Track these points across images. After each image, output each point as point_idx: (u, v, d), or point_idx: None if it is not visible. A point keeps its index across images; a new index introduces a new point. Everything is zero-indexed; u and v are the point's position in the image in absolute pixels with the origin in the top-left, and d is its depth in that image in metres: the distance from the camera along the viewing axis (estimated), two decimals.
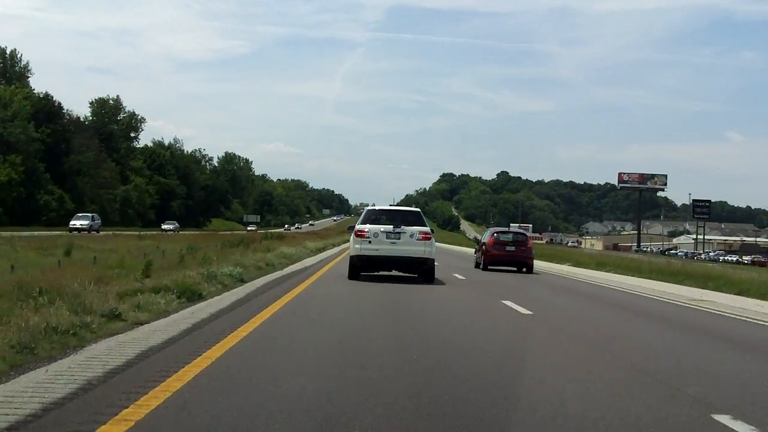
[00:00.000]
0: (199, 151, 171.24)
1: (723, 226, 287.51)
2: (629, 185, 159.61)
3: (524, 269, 27.61)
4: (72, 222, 61.55)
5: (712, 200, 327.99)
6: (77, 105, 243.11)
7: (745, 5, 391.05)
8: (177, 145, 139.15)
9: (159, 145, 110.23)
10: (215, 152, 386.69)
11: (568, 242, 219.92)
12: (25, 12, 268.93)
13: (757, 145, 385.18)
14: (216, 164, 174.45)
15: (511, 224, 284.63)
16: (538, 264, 31.48)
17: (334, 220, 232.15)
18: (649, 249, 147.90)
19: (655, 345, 9.63)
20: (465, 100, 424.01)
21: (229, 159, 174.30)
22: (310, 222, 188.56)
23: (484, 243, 29.09)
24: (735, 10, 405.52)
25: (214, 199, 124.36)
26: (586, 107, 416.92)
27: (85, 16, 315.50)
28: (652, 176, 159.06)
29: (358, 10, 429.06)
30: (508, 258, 27.75)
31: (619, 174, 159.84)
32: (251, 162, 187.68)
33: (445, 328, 10.08)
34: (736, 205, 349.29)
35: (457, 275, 23.24)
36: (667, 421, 5.14)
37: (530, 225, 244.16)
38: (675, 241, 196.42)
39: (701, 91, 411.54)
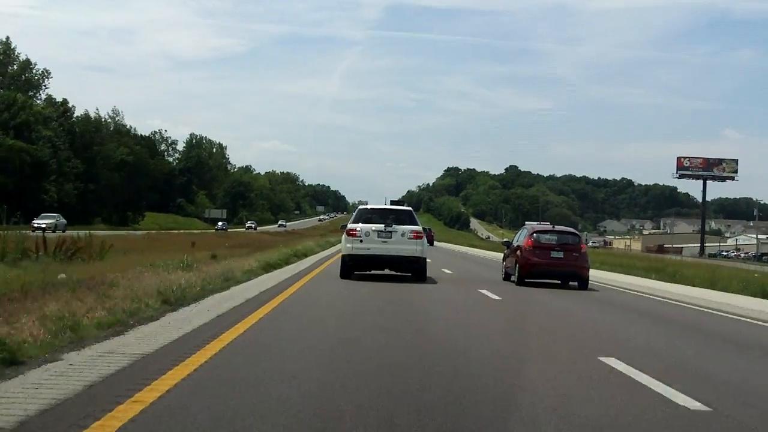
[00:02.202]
0: (160, 133, 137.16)
1: (752, 224, 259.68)
2: (691, 172, 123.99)
3: (575, 282, 19.71)
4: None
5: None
6: (77, 104, 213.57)
7: (743, 3, 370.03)
8: (117, 117, 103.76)
9: (48, 101, 73.86)
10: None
11: (589, 242, 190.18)
12: (22, 10, 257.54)
13: (755, 143, 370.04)
14: (181, 150, 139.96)
15: (526, 222, 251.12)
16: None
17: (320, 220, 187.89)
18: (730, 254, 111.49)
19: None
20: (463, 98, 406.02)
21: (195, 143, 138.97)
22: (280, 222, 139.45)
23: (518, 246, 20.30)
24: (733, 9, 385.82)
25: (146, 186, 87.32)
26: (584, 105, 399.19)
27: (81, 14, 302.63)
28: (719, 162, 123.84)
29: (355, 8, 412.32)
30: (555, 267, 19.65)
31: (678, 159, 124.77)
32: (225, 147, 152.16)
33: None
34: (763, 201, 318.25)
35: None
36: None
37: (548, 223, 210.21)
38: (730, 242, 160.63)
39: (699, 89, 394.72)
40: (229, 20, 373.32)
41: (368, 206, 21.15)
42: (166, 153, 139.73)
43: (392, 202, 26.54)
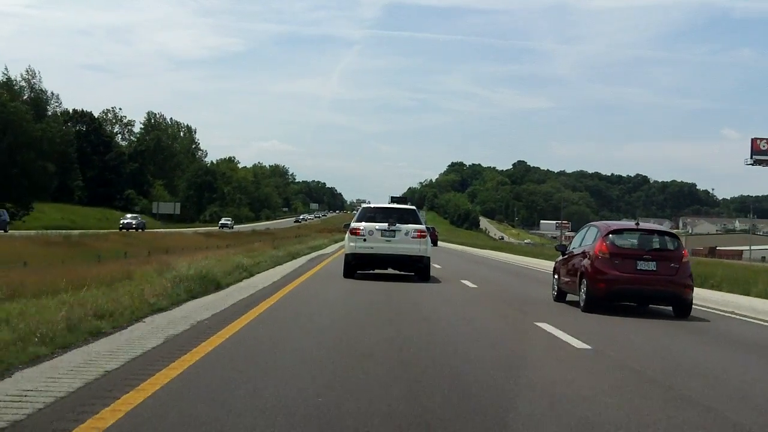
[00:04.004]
0: (113, 111, 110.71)
1: None
2: None
3: (665, 306, 13.43)
4: None
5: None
6: (73, 103, 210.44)
7: (744, 2, 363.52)
8: (33, 80, 76.83)
9: None
10: (214, 153, 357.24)
11: None
12: (19, 9, 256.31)
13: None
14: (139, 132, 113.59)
15: (542, 221, 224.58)
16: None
17: (298, 221, 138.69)
18: None
19: None
20: (462, 97, 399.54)
21: (154, 123, 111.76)
22: (223, 221, 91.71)
23: (584, 254, 13.62)
24: (733, 7, 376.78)
25: (26, 159, 56.49)
26: (583, 105, 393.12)
27: (79, 13, 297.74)
28: None
29: (354, 7, 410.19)
30: (645, 285, 12.83)
31: (753, 141, 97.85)
32: (194, 130, 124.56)
33: None
34: None
35: None
36: None
37: (569, 222, 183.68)
38: None
39: (699, 88, 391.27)
40: (228, 19, 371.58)
41: (371, 205, 20.64)
42: (120, 135, 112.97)
43: (393, 199, 24.74)
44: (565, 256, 15.10)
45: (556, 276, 15.42)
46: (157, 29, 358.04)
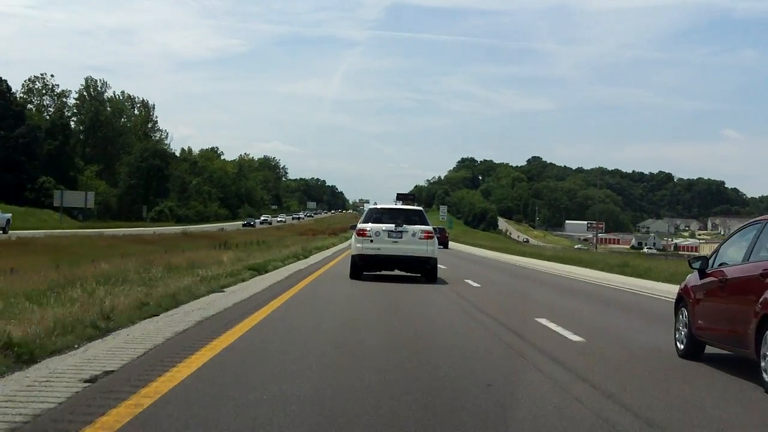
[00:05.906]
0: (41, 79, 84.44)
1: None
2: None
3: None
4: None
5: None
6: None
7: (745, 2, 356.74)
8: None
9: None
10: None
11: (648, 246, 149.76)
12: (20, 10, 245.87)
13: (756, 142, 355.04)
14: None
15: (567, 221, 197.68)
16: None
17: (250, 225, 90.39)
18: None
19: None
20: (464, 98, 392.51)
21: (95, 93, 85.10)
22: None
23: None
24: (734, 8, 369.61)
25: None
26: (584, 106, 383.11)
27: (80, 14, 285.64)
28: None
29: (356, 8, 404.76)
30: None
31: None
32: (153, 106, 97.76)
33: None
34: None
35: None
36: None
37: (603, 223, 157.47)
38: None
39: (700, 89, 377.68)
40: (230, 20, 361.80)
41: (378, 206, 20.72)
42: (51, 110, 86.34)
43: (399, 196, 25.69)
44: (707, 279, 8.02)
45: (683, 311, 8.46)
46: (160, 30, 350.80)
